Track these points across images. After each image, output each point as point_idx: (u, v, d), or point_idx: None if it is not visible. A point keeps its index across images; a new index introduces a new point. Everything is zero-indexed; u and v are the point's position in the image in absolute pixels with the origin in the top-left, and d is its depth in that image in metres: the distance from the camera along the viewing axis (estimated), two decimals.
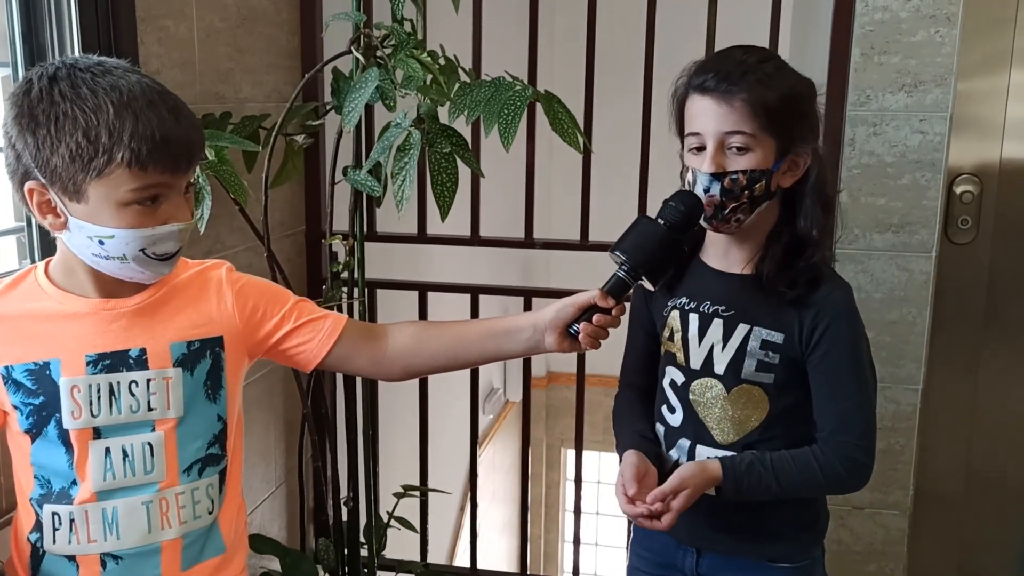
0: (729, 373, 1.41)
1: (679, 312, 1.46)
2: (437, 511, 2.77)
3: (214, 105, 1.92)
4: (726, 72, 1.33)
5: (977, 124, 2.10)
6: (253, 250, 2.05)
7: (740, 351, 1.40)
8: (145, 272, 1.13)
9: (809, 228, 1.37)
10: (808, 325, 1.37)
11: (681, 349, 1.46)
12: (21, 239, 1.61)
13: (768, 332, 1.39)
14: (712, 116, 1.33)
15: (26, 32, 1.57)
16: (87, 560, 1.18)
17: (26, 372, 1.14)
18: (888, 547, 2.21)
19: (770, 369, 1.40)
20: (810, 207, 1.38)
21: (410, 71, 1.71)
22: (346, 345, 1.31)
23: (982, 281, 2.17)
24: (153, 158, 1.06)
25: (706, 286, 1.45)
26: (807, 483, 1.39)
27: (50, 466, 1.17)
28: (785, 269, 1.38)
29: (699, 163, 1.35)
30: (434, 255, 3.09)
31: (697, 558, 1.50)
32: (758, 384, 1.41)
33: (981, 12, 2.02)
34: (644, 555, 1.58)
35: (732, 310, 1.41)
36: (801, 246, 1.38)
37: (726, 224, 1.37)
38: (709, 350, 1.43)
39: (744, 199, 1.34)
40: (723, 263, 1.45)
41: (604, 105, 2.27)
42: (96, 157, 1.04)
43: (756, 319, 1.40)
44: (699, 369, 1.44)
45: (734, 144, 1.33)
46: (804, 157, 1.37)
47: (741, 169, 1.33)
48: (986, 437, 2.24)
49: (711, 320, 1.43)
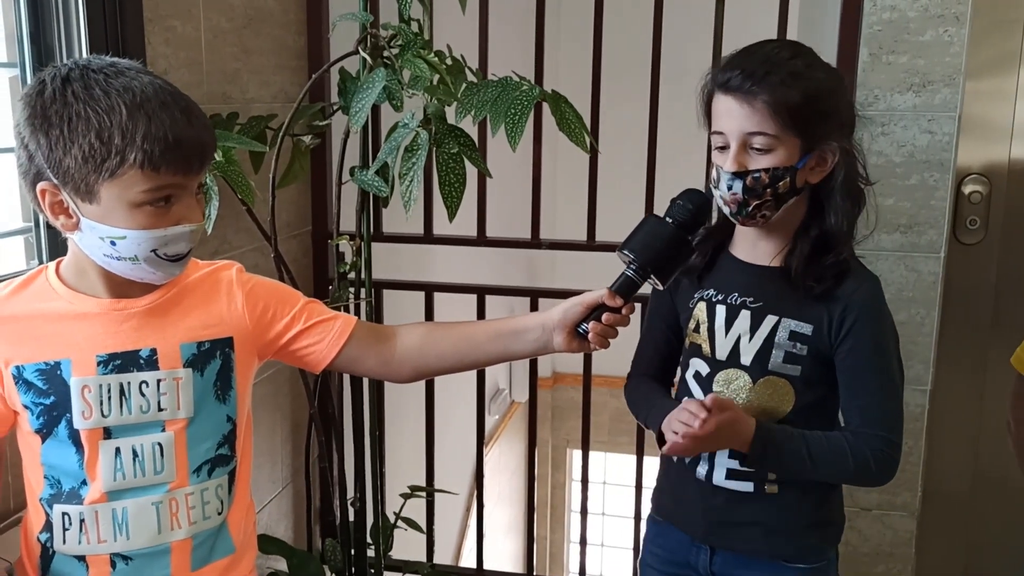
0: (756, 364, 1.41)
1: (706, 303, 1.46)
2: (443, 512, 2.77)
3: (221, 106, 1.92)
4: (751, 70, 1.32)
5: (986, 124, 2.09)
6: (260, 250, 2.05)
7: (768, 342, 1.40)
8: (156, 273, 1.14)
9: (838, 225, 1.37)
10: (836, 319, 1.37)
11: (707, 340, 1.46)
12: (29, 239, 1.62)
13: (797, 323, 1.39)
14: (734, 116, 1.34)
15: (34, 32, 1.57)
16: (97, 560, 1.18)
17: (37, 372, 1.14)
18: (896, 548, 2.21)
19: (797, 361, 1.40)
20: (839, 203, 1.37)
21: (417, 71, 1.71)
22: (355, 346, 1.31)
23: (991, 282, 2.16)
24: (166, 159, 1.06)
25: (734, 278, 1.45)
26: (836, 466, 1.38)
27: (60, 466, 1.17)
28: (812, 264, 1.38)
29: (723, 161, 1.36)
30: (440, 255, 3.10)
31: (711, 556, 1.49)
32: (784, 376, 1.41)
33: (990, 12, 2.01)
34: (657, 552, 1.58)
35: (760, 301, 1.42)
36: (829, 242, 1.38)
37: (752, 220, 1.38)
38: (736, 341, 1.43)
39: (768, 196, 1.34)
40: (751, 255, 1.45)
41: (610, 105, 2.26)
42: (109, 158, 1.04)
43: (785, 310, 1.40)
44: (725, 360, 1.44)
45: (756, 144, 1.33)
46: (831, 153, 1.36)
47: (763, 168, 1.33)
48: (994, 438, 2.23)
49: (738, 311, 1.43)
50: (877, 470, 1.39)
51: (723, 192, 1.36)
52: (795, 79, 1.32)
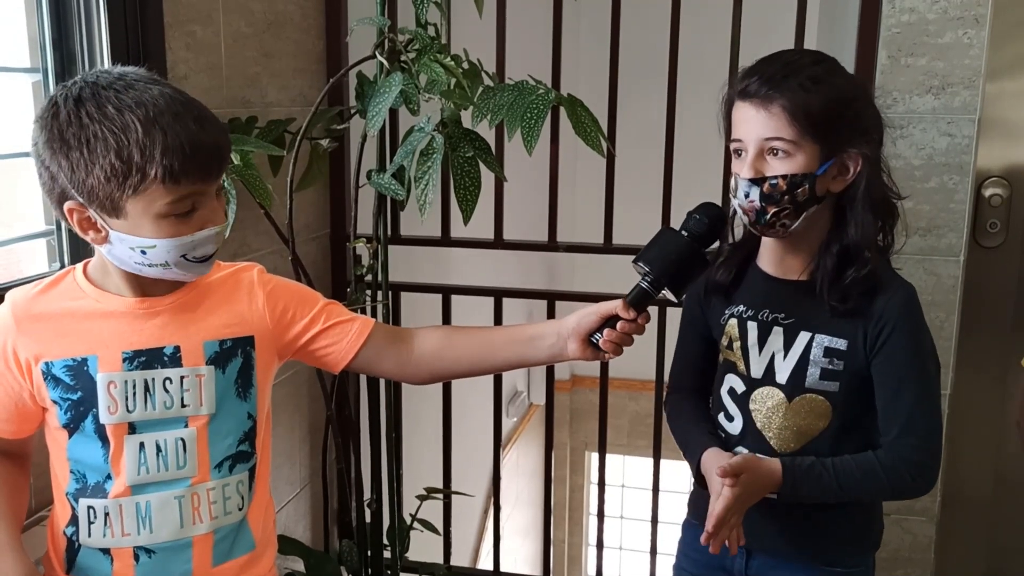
0: (791, 382, 1.40)
1: (737, 320, 1.44)
2: (460, 514, 2.77)
3: (240, 109, 1.94)
4: (769, 76, 1.31)
5: (1006, 127, 2.07)
6: (278, 253, 2.07)
7: (803, 360, 1.38)
8: (187, 274, 1.17)
9: (859, 237, 1.34)
10: (872, 333, 1.35)
11: (741, 358, 1.44)
12: (51, 242, 1.64)
13: (831, 339, 1.37)
14: (752, 122, 1.32)
15: (56, 39, 1.60)
16: (121, 553, 1.21)
17: (65, 368, 1.17)
18: (915, 553, 2.19)
19: (835, 377, 1.38)
20: (860, 214, 1.34)
21: (434, 75, 1.72)
22: (373, 348, 1.33)
23: (1011, 285, 2.14)
24: (185, 171, 1.08)
25: (764, 293, 1.43)
26: (870, 487, 1.37)
27: (86, 460, 1.20)
28: (837, 280, 1.35)
29: (740, 168, 1.35)
30: (458, 258, 3.10)
31: (747, 559, 1.48)
32: (821, 393, 1.39)
33: (1010, 14, 1.99)
34: (692, 555, 1.56)
35: (792, 318, 1.40)
36: (852, 256, 1.35)
37: (771, 229, 1.35)
38: (770, 359, 1.41)
39: (786, 204, 1.32)
40: (779, 269, 1.43)
41: (631, 108, 2.26)
42: (130, 175, 1.07)
43: (817, 326, 1.38)
44: (760, 378, 1.42)
45: (773, 149, 1.31)
46: (853, 161, 1.34)
47: (781, 174, 1.31)
48: (1015, 442, 2.21)
49: (771, 328, 1.41)
50: (914, 482, 1.37)
51: (741, 200, 1.35)
52: (814, 83, 1.30)
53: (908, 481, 1.37)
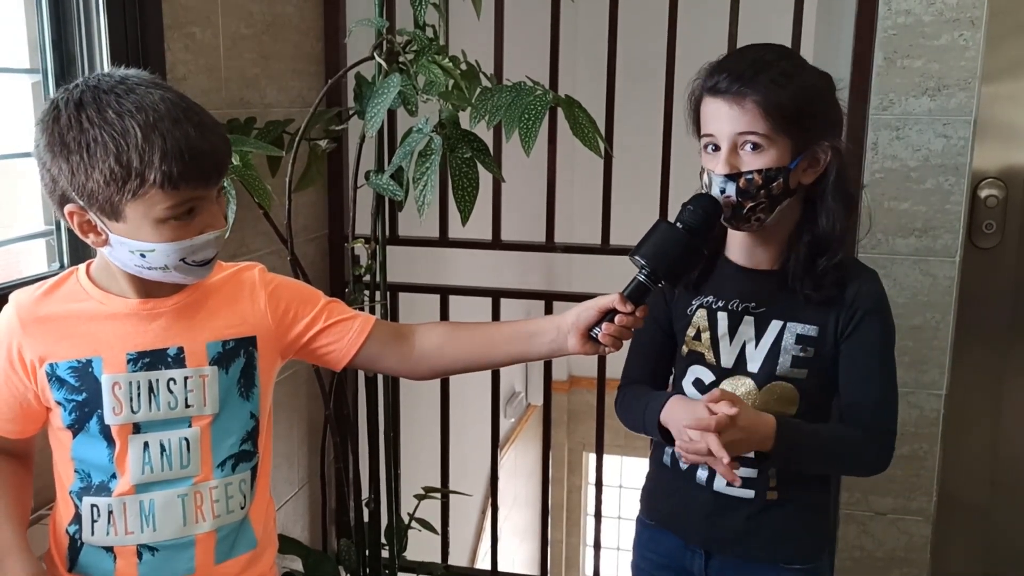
0: (763, 371, 1.42)
1: (706, 311, 1.45)
2: (458, 514, 2.78)
3: (239, 111, 1.94)
4: (739, 72, 1.32)
5: (1001, 128, 2.08)
6: (277, 253, 2.07)
7: (775, 348, 1.41)
8: (187, 277, 1.18)
9: (830, 227, 1.37)
10: (844, 319, 1.39)
11: (710, 348, 1.45)
12: (50, 242, 1.64)
13: (803, 327, 1.40)
14: (725, 118, 1.33)
15: (56, 40, 1.60)
16: (124, 551, 1.22)
17: (69, 369, 1.18)
18: (911, 554, 2.20)
19: (805, 364, 1.40)
20: (831, 205, 1.37)
21: (432, 76, 1.73)
22: (375, 345, 1.34)
23: (1007, 286, 2.15)
24: (184, 176, 1.08)
25: (733, 284, 1.45)
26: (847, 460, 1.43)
27: (91, 460, 1.21)
28: (809, 270, 1.38)
29: (714, 164, 1.35)
30: (456, 259, 3.11)
31: (707, 560, 1.49)
32: (791, 380, 1.41)
33: (1006, 16, 2.00)
34: (650, 556, 1.57)
35: (763, 307, 1.42)
36: (822, 245, 1.38)
37: (747, 223, 1.37)
38: (741, 348, 1.43)
39: (762, 198, 1.33)
40: (749, 260, 1.45)
41: (627, 109, 2.27)
42: (129, 180, 1.07)
43: (789, 314, 1.40)
44: (731, 367, 1.44)
45: (747, 143, 1.33)
46: (824, 154, 1.36)
47: (756, 169, 1.32)
48: (1011, 443, 2.22)
49: (741, 318, 1.43)
50: (879, 462, 1.43)
51: (715, 196, 1.35)
52: (785, 79, 1.32)
53: (877, 461, 1.42)
